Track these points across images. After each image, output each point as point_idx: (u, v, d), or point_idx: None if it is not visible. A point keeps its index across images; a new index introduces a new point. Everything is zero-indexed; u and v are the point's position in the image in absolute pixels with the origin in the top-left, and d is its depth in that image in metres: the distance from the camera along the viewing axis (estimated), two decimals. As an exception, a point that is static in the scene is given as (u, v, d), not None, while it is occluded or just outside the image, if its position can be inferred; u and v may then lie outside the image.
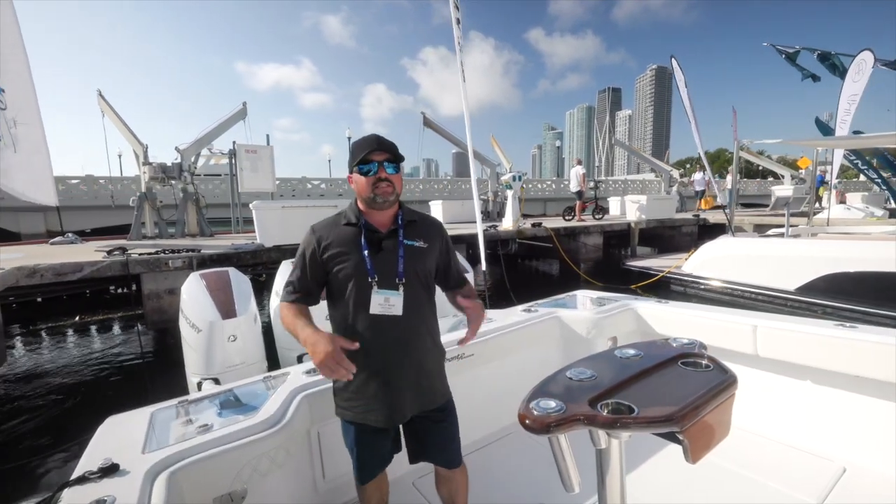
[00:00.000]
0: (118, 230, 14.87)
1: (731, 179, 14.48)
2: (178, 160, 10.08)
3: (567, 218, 12.48)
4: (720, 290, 7.52)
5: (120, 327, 7.88)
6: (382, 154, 1.43)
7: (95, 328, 7.88)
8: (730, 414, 0.88)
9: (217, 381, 2.66)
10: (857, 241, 6.44)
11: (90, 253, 6.65)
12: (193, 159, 10.64)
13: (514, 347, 2.52)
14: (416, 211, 1.61)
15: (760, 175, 39.96)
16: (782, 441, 2.21)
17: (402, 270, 1.45)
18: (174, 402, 1.73)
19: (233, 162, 11.02)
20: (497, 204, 13.75)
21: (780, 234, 7.84)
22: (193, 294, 3.00)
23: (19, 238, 15.16)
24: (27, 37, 6.34)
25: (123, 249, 6.35)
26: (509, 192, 10.72)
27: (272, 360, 3.15)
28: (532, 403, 0.81)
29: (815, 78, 12.28)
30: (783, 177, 19.36)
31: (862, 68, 10.26)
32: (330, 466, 1.89)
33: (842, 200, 15.34)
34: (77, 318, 8.17)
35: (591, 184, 15.58)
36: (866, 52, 10.22)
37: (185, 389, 2.77)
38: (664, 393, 0.85)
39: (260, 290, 6.57)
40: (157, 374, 5.32)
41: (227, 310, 2.90)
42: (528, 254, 11.60)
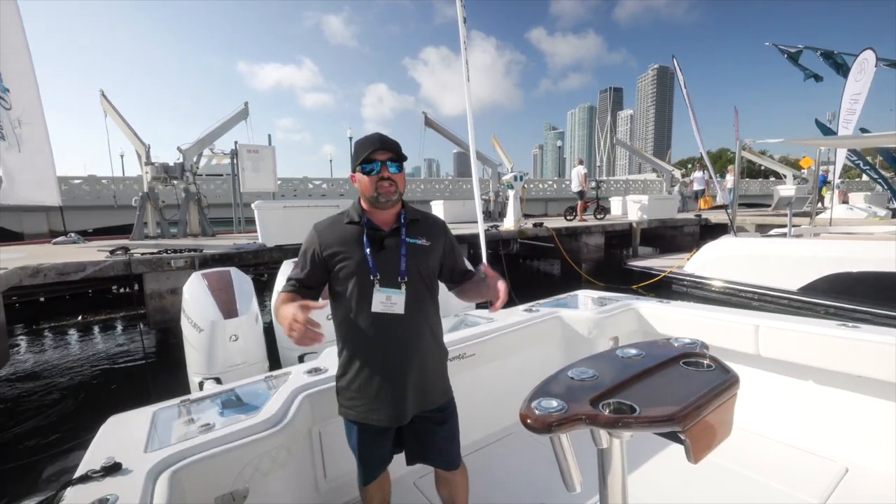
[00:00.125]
0: (120, 230, 14.92)
1: (730, 179, 14.47)
2: (181, 160, 10.11)
3: (568, 218, 12.47)
4: (722, 291, 7.50)
5: (122, 327, 7.90)
6: (385, 153, 1.42)
7: (98, 328, 7.90)
8: (732, 414, 0.87)
9: (219, 381, 2.66)
10: (860, 241, 6.42)
11: (93, 253, 6.67)
12: (195, 159, 10.67)
13: (515, 347, 2.52)
14: (418, 210, 1.60)
15: (762, 175, 39.86)
16: (784, 441, 2.20)
17: (404, 269, 1.45)
18: (176, 401, 1.73)
19: (234, 162, 11.03)
20: (498, 204, 13.75)
21: (783, 234, 7.82)
22: (195, 294, 3.00)
23: (22, 238, 15.22)
24: (29, 36, 6.35)
25: (126, 249, 6.38)
26: (511, 192, 10.71)
27: (273, 359, 3.15)
28: (534, 403, 0.81)
29: (817, 78, 12.24)
30: (785, 176, 19.30)
31: (864, 67, 10.21)
32: (331, 466, 1.89)
33: (844, 200, 15.28)
34: (80, 318, 8.19)
35: (593, 184, 15.57)
36: (868, 51, 10.18)
37: (186, 389, 2.78)
38: (666, 393, 0.85)
39: (261, 289, 6.58)
40: (159, 373, 5.34)
41: (229, 309, 2.91)
42: (529, 254, 11.59)
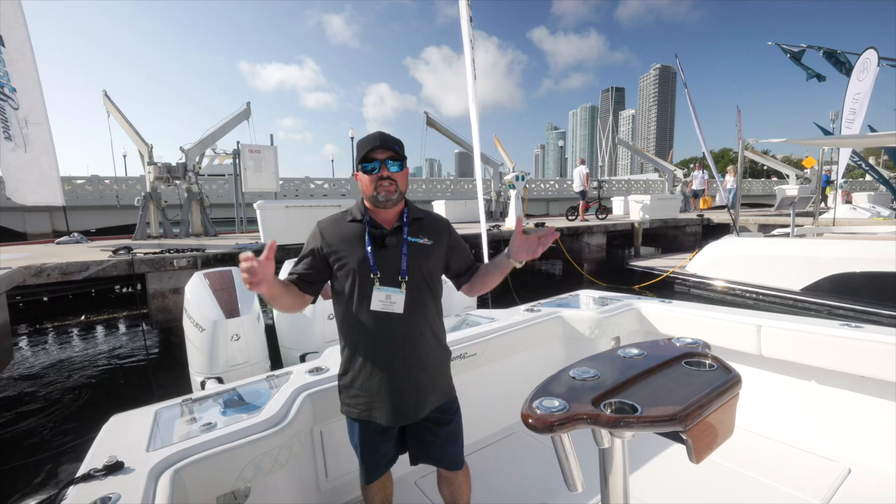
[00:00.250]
0: (123, 230, 14.99)
1: (729, 178, 14.42)
2: (183, 160, 10.14)
3: (570, 218, 12.45)
4: (724, 291, 7.49)
5: (125, 326, 7.92)
6: (385, 152, 1.42)
7: (101, 327, 7.92)
8: (733, 414, 0.87)
9: (220, 380, 2.66)
10: (863, 240, 6.40)
11: (96, 252, 6.69)
12: (198, 159, 10.69)
13: (516, 347, 2.51)
14: (422, 209, 1.60)
15: (765, 175, 39.74)
16: (786, 441, 2.19)
17: (405, 268, 1.44)
18: (178, 400, 1.74)
19: (237, 162, 11.06)
20: (500, 204, 13.74)
21: (786, 234, 7.80)
22: (197, 293, 3.00)
23: (25, 238, 15.28)
24: (31, 36, 6.37)
25: (129, 249, 6.40)
26: (512, 192, 10.70)
27: (275, 359, 3.15)
28: (535, 403, 0.81)
29: (820, 77, 12.19)
30: (788, 176, 19.24)
31: (867, 67, 10.18)
32: (333, 465, 1.90)
33: (848, 200, 15.24)
34: (83, 318, 8.23)
35: (595, 183, 15.53)
36: (870, 50, 10.14)
37: (188, 388, 2.78)
38: (668, 392, 0.84)
39: (263, 289, 6.57)
40: (161, 372, 5.35)
41: (231, 309, 2.91)
42: (531, 254, 11.55)
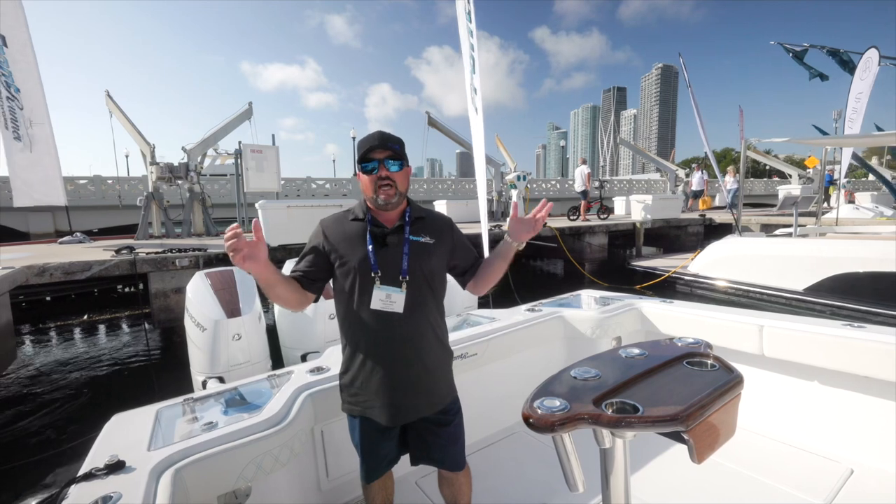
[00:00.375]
0: (125, 230, 15.02)
1: (730, 179, 14.39)
2: (185, 160, 10.15)
3: (572, 218, 12.44)
4: (726, 291, 7.47)
5: (127, 326, 7.94)
6: (384, 151, 1.41)
7: (103, 327, 7.95)
8: (735, 414, 0.87)
9: (222, 380, 2.67)
10: (866, 240, 6.38)
11: (98, 252, 6.71)
12: (200, 159, 10.71)
13: (517, 347, 2.51)
14: (424, 208, 1.59)
15: (767, 174, 39.63)
16: (788, 442, 2.19)
17: (406, 267, 1.44)
18: (179, 399, 1.74)
19: (238, 162, 11.07)
20: (501, 204, 13.73)
21: (788, 234, 7.78)
22: (198, 293, 3.01)
23: (28, 237, 15.33)
24: (32, 36, 6.39)
25: (131, 249, 6.41)
26: (514, 192, 10.69)
27: (276, 359, 3.16)
28: (536, 402, 0.81)
29: (822, 77, 12.15)
30: (790, 176, 19.20)
31: (869, 66, 10.15)
32: (334, 465, 1.90)
33: (851, 200, 15.19)
34: (85, 317, 8.25)
35: (596, 183, 15.51)
36: (872, 49, 10.12)
37: (190, 387, 2.79)
38: (669, 392, 0.84)
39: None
40: (162, 372, 5.36)
41: (232, 309, 2.91)
42: (532, 254, 11.58)
